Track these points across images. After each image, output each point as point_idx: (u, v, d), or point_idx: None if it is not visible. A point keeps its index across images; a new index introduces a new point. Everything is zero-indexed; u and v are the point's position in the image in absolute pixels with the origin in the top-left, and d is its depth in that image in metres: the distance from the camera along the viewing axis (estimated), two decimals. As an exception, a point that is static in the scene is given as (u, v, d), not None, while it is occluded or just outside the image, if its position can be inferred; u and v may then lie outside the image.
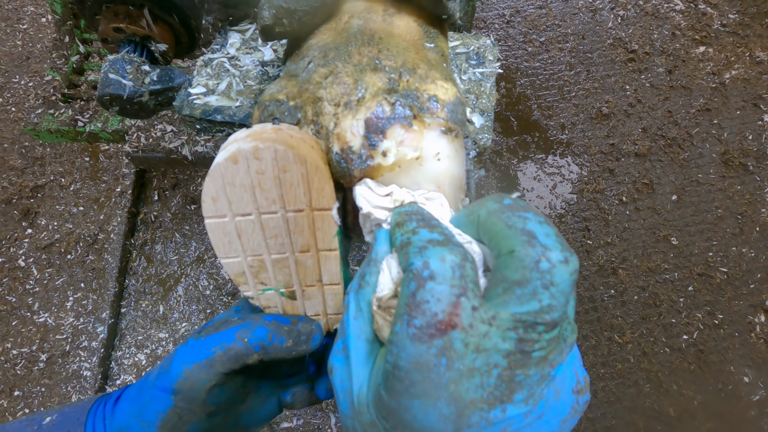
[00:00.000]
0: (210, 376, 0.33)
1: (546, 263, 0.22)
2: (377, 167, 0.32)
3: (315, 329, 0.35)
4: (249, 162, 0.30)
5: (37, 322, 1.33)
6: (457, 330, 0.22)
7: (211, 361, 0.33)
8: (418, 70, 0.34)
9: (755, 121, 1.65)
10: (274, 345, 0.33)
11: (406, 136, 0.32)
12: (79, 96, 1.08)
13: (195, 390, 0.33)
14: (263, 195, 0.31)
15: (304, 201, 0.32)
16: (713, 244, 1.47)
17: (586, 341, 1.34)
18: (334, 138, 0.33)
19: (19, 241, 1.42)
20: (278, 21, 0.38)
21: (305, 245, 0.34)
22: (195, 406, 0.33)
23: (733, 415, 1.26)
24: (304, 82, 0.35)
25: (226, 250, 0.33)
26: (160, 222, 1.45)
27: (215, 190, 0.31)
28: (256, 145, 0.29)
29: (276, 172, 0.30)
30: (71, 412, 0.36)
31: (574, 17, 1.84)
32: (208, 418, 0.34)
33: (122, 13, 0.65)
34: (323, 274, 0.35)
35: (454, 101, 0.33)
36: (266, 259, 0.34)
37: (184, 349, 0.34)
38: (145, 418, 0.34)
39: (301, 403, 0.40)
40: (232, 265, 0.34)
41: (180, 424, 0.34)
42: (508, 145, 1.62)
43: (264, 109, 0.35)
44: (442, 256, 0.23)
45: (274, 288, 0.35)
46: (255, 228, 0.32)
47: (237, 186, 0.30)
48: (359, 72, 0.34)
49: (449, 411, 0.22)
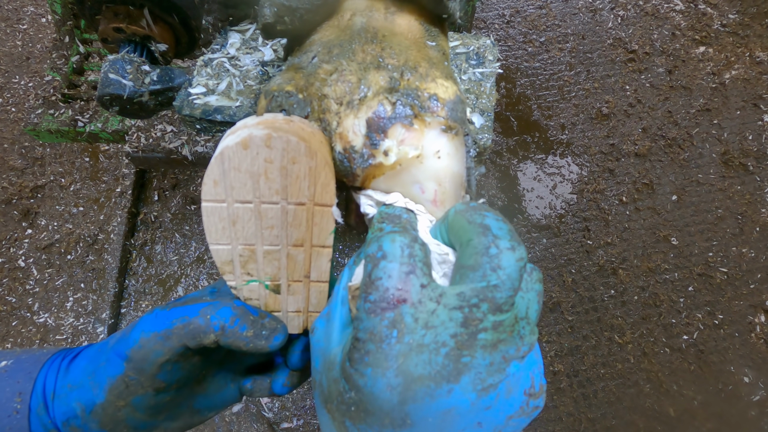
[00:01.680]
0: (164, 349, 0.32)
1: (495, 249, 0.24)
2: (379, 166, 0.32)
3: (280, 329, 0.34)
4: (259, 149, 0.29)
5: (37, 322, 1.33)
6: (406, 305, 0.24)
7: (168, 333, 0.32)
8: (420, 68, 0.34)
9: (755, 121, 1.65)
10: (234, 330, 0.32)
11: (407, 135, 0.32)
12: (79, 96, 1.08)
13: (147, 361, 0.32)
14: (267, 184, 0.31)
15: (307, 195, 0.32)
16: (713, 244, 1.47)
17: (586, 341, 1.34)
18: (336, 137, 0.33)
19: (19, 242, 1.42)
20: (280, 19, 0.38)
21: (300, 239, 0.33)
22: (144, 379, 0.32)
23: (733, 415, 1.26)
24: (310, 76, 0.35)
25: (218, 236, 0.32)
26: (160, 222, 1.45)
27: (220, 173, 0.30)
28: (269, 133, 0.29)
29: (284, 162, 0.30)
30: (27, 360, 0.35)
31: (574, 17, 1.84)
32: (155, 394, 0.33)
33: (122, 13, 0.65)
34: (312, 270, 0.35)
35: (454, 100, 0.33)
36: (258, 249, 0.33)
37: (148, 317, 0.33)
38: (96, 379, 0.33)
39: (259, 392, 0.39)
40: (221, 252, 0.33)
41: (126, 392, 0.33)
42: (508, 145, 1.62)
43: (272, 99, 0.35)
44: (393, 238, 0.25)
45: (260, 280, 0.35)
46: (252, 217, 0.32)
47: (242, 172, 0.30)
48: (363, 70, 0.34)
49: (396, 382, 0.23)
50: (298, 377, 0.39)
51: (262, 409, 1.23)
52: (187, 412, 0.37)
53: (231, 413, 1.22)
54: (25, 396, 0.33)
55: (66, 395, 0.34)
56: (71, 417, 0.33)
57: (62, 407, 0.34)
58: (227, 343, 0.32)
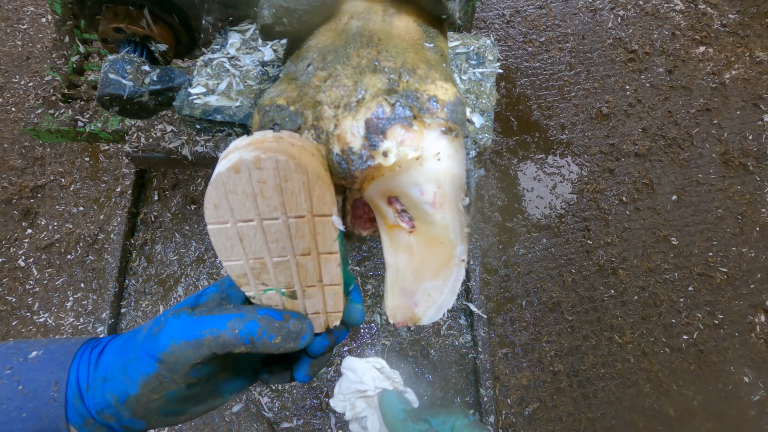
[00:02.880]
0: (195, 356, 0.34)
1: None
2: (378, 167, 0.32)
3: (306, 328, 0.36)
4: (251, 171, 0.30)
5: (37, 322, 1.33)
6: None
7: (199, 343, 0.34)
8: (418, 70, 0.34)
9: (755, 121, 1.65)
10: (263, 341, 0.34)
11: (406, 136, 0.32)
12: (79, 96, 1.08)
13: (179, 364, 0.34)
14: (265, 202, 0.32)
15: (305, 208, 0.32)
16: (713, 244, 1.47)
17: (586, 341, 1.34)
18: (334, 139, 0.33)
19: (19, 241, 1.42)
20: (278, 20, 0.38)
21: (306, 249, 0.34)
22: (177, 377, 0.35)
23: (733, 415, 1.26)
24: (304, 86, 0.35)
25: (228, 253, 0.34)
26: (160, 222, 1.45)
27: (217, 197, 0.31)
28: (258, 155, 0.30)
29: (277, 180, 0.31)
30: (57, 351, 0.38)
31: (574, 17, 1.84)
32: (187, 388, 0.36)
33: (122, 13, 0.65)
34: (324, 275, 0.36)
35: (453, 101, 0.33)
36: (267, 261, 0.35)
37: (175, 323, 0.35)
38: (128, 374, 0.35)
39: (277, 380, 0.42)
40: (234, 267, 0.35)
41: (160, 388, 0.35)
42: (508, 145, 1.62)
43: (264, 114, 0.35)
44: None
45: (276, 288, 0.36)
46: (257, 233, 0.33)
47: (239, 194, 0.31)
48: (358, 74, 0.34)
49: None
50: (318, 365, 0.41)
51: (262, 409, 1.23)
52: (211, 397, 0.40)
53: (231, 413, 1.23)
54: (60, 385, 0.36)
55: (99, 387, 0.36)
56: (105, 407, 0.36)
57: (96, 398, 0.36)
58: (258, 351, 0.35)
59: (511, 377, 1.29)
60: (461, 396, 1.26)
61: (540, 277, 1.42)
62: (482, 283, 1.39)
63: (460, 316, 1.35)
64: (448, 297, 0.36)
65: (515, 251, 1.45)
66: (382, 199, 0.35)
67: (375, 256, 1.40)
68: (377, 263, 1.39)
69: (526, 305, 1.38)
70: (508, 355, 1.32)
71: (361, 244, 1.41)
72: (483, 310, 1.32)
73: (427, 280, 0.35)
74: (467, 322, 1.34)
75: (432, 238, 0.34)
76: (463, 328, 1.34)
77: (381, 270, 1.39)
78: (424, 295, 0.36)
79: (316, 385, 1.26)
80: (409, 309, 0.36)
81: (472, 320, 1.32)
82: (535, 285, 1.40)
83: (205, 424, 1.21)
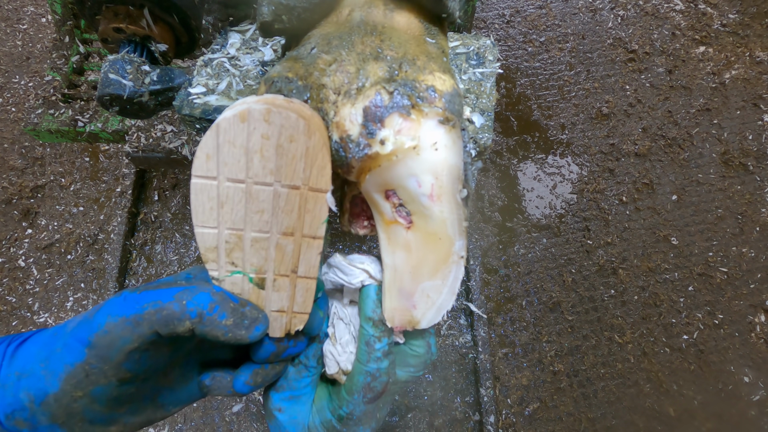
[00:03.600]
0: (133, 336, 0.29)
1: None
2: (375, 156, 0.32)
3: (261, 319, 0.32)
4: (257, 123, 0.28)
5: (37, 322, 1.33)
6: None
7: (139, 318, 0.29)
8: (418, 61, 0.34)
9: (755, 121, 1.65)
10: (212, 318, 0.29)
11: (404, 125, 0.32)
12: (79, 96, 1.08)
13: (112, 348, 0.29)
14: (261, 163, 0.29)
15: (302, 177, 0.30)
16: (713, 244, 1.47)
17: (586, 341, 1.34)
18: (333, 126, 0.33)
19: (19, 241, 1.42)
20: (277, 17, 0.38)
21: (290, 228, 0.32)
22: (108, 368, 0.29)
23: (733, 415, 1.26)
24: (309, 65, 0.35)
25: (205, 217, 0.31)
26: (160, 222, 1.45)
27: (213, 146, 0.29)
28: (269, 107, 0.28)
29: (282, 140, 0.29)
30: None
31: (574, 17, 1.84)
32: (119, 385, 0.30)
33: (122, 13, 0.65)
34: (300, 264, 0.33)
35: (451, 92, 0.33)
36: (246, 235, 0.32)
37: (116, 301, 0.30)
38: (50, 366, 0.30)
39: (218, 390, 0.36)
40: (206, 236, 0.31)
41: (86, 382, 0.29)
42: (508, 145, 1.62)
43: (272, 85, 0.35)
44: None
45: (243, 272, 0.33)
46: (242, 198, 0.31)
47: (237, 147, 0.29)
48: (362, 61, 0.34)
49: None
50: (263, 376, 0.35)
51: (262, 409, 1.23)
52: (151, 406, 0.34)
53: (231, 413, 1.22)
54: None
55: (13, 384, 0.30)
56: (17, 409, 0.30)
57: (7, 398, 0.30)
58: (204, 331, 0.30)
59: (511, 377, 1.29)
60: (461, 396, 1.26)
61: (540, 277, 1.42)
62: (482, 283, 1.38)
63: (460, 316, 1.35)
64: (447, 297, 0.35)
65: (515, 251, 1.45)
66: (380, 193, 0.34)
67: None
68: (377, 263, 1.39)
69: (526, 305, 1.38)
70: (508, 355, 1.32)
71: (361, 244, 1.41)
72: (483, 310, 1.32)
73: (426, 280, 0.35)
74: (467, 322, 1.34)
75: (430, 233, 0.33)
76: (463, 328, 1.34)
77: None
78: (423, 296, 0.35)
79: (316, 385, 1.26)
80: (408, 312, 0.35)
81: (472, 320, 1.32)
82: (535, 285, 1.40)
83: (205, 425, 1.21)
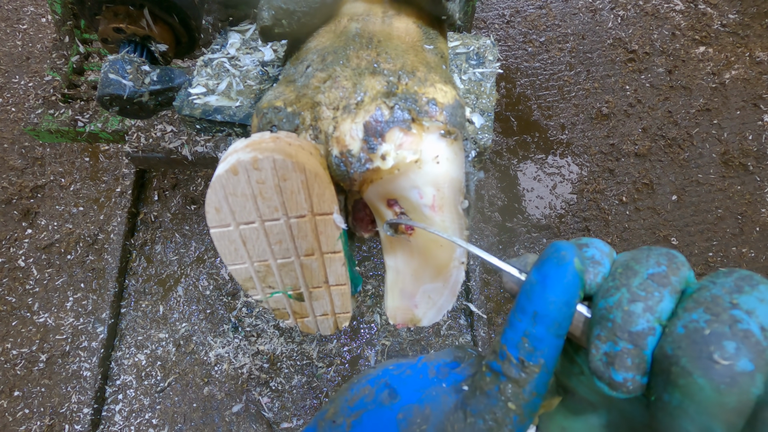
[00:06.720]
0: None
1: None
2: (376, 170, 0.32)
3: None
4: (249, 172, 0.30)
5: (37, 322, 1.33)
6: None
7: None
8: (417, 73, 0.33)
9: (755, 121, 1.65)
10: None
11: (405, 139, 0.32)
12: (79, 96, 1.08)
13: None
14: (265, 203, 0.32)
15: (306, 207, 0.32)
16: (713, 244, 1.47)
17: (586, 341, 1.34)
18: (333, 141, 0.33)
19: (19, 241, 1.42)
20: (277, 22, 0.38)
21: (309, 249, 0.34)
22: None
23: (733, 415, 1.26)
24: (302, 88, 0.35)
25: (232, 257, 0.34)
26: (160, 222, 1.45)
27: (217, 200, 0.31)
28: (254, 155, 0.30)
29: (276, 180, 0.31)
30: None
31: (574, 17, 1.84)
32: None
33: (122, 13, 0.65)
34: (329, 276, 0.36)
35: (453, 104, 0.33)
36: (272, 264, 0.34)
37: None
38: None
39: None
40: (239, 271, 0.35)
41: None
42: (508, 145, 1.62)
43: (262, 117, 0.35)
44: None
45: (282, 291, 0.36)
46: (259, 235, 0.33)
47: (239, 196, 0.31)
48: (358, 75, 0.34)
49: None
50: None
51: (261, 409, 1.23)
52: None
53: (231, 413, 1.23)
54: None
55: None
56: None
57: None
58: None
59: (511, 377, 1.29)
60: (461, 396, 1.26)
61: (540, 277, 1.41)
62: (482, 283, 1.39)
63: (460, 316, 1.35)
64: (447, 298, 0.36)
65: (515, 251, 1.45)
66: (382, 202, 0.35)
67: (375, 256, 1.40)
68: (377, 263, 1.39)
69: (526, 305, 1.37)
70: (508, 355, 1.32)
71: (362, 244, 1.41)
72: (483, 310, 1.32)
73: (427, 282, 0.35)
74: (467, 322, 1.34)
75: (431, 240, 0.34)
76: (463, 328, 1.34)
77: (381, 270, 1.39)
78: (424, 297, 0.36)
79: (316, 386, 1.26)
80: (409, 310, 0.36)
81: (472, 320, 1.32)
82: (535, 285, 1.40)
83: (205, 425, 1.22)
